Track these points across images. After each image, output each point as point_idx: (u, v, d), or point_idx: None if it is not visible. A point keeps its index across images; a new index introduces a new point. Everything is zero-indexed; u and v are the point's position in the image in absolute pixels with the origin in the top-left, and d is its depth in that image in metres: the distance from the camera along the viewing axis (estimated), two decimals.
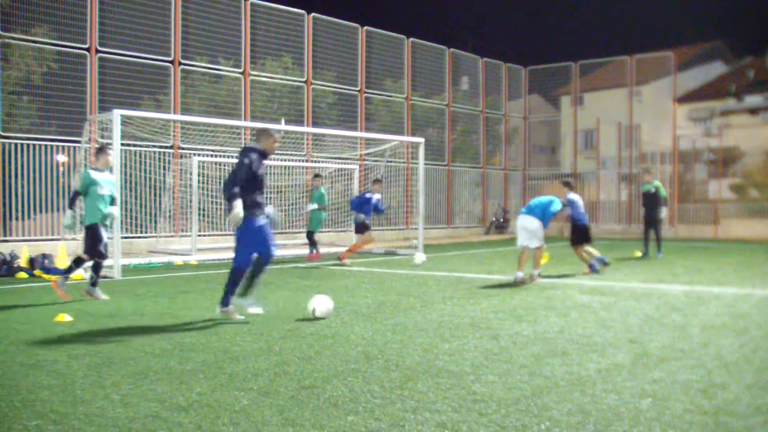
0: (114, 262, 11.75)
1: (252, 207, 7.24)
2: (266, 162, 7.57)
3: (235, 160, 7.72)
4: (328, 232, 21.20)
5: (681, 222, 26.81)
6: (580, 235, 12.06)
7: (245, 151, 7.34)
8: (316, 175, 16.27)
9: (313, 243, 15.38)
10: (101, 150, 9.30)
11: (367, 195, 14.37)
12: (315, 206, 15.33)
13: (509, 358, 5.46)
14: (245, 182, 7.13)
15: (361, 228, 14.27)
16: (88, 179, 8.95)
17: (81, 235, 15.36)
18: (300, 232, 19.16)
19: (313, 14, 21.76)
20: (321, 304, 7.38)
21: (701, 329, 6.61)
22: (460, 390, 4.54)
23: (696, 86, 38.37)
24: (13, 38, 16.14)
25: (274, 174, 20.17)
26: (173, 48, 18.52)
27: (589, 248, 12.08)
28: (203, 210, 17.93)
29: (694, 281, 10.71)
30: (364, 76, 23.32)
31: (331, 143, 21.74)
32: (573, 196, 11.98)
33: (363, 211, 14.14)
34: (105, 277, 11.77)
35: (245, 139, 19.81)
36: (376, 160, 20.72)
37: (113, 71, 17.53)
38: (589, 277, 11.42)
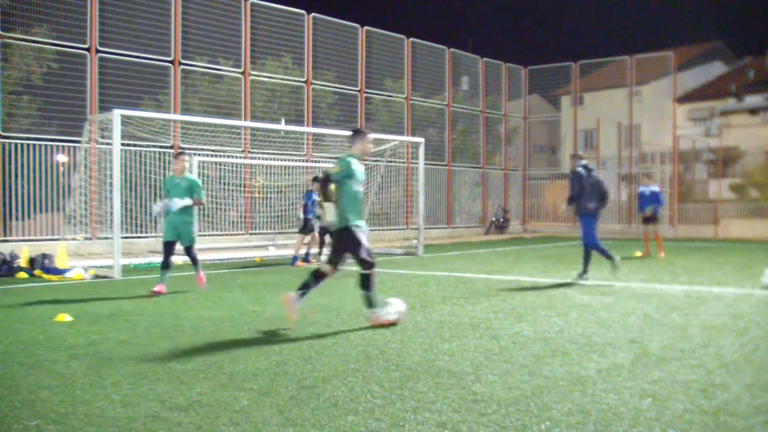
0: (114, 262, 11.75)
1: None
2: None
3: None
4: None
5: (681, 222, 26.82)
6: None
7: None
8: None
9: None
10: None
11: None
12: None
13: (509, 358, 5.46)
14: None
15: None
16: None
17: (80, 236, 15.48)
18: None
19: (313, 14, 21.77)
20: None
21: (701, 329, 6.61)
22: (460, 390, 4.54)
23: (696, 86, 38.38)
24: (13, 38, 16.14)
25: (273, 174, 20.20)
26: (173, 48, 18.51)
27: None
28: (203, 210, 17.92)
29: (694, 281, 10.71)
30: (364, 76, 23.32)
31: (331, 143, 21.74)
32: None
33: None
34: (105, 277, 11.78)
35: (245, 139, 19.83)
36: (376, 160, 20.72)
37: (113, 71, 17.53)
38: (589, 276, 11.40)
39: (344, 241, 6.82)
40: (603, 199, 10.70)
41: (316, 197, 14.08)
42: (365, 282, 6.82)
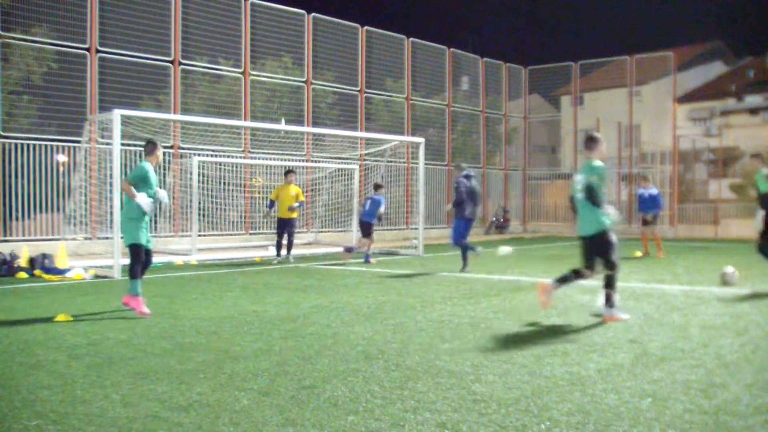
0: (114, 262, 11.75)
1: None
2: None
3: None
4: (329, 231, 21.20)
5: (681, 222, 26.81)
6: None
7: None
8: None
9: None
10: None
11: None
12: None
13: (509, 358, 5.46)
14: None
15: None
16: None
17: (80, 236, 15.47)
18: (301, 232, 19.13)
19: (313, 14, 21.76)
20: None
21: (701, 329, 6.61)
22: (460, 390, 4.54)
23: (696, 86, 38.36)
24: (13, 38, 16.14)
25: (273, 174, 20.19)
26: (173, 48, 18.51)
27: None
28: (203, 210, 17.92)
29: (694, 281, 10.71)
30: (364, 76, 23.31)
31: (331, 143, 21.74)
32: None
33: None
34: (105, 277, 11.78)
35: (245, 139, 19.82)
36: (376, 160, 20.72)
37: (113, 71, 17.53)
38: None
39: (602, 245, 7.10)
40: (477, 204, 12.40)
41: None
42: (609, 281, 7.13)
